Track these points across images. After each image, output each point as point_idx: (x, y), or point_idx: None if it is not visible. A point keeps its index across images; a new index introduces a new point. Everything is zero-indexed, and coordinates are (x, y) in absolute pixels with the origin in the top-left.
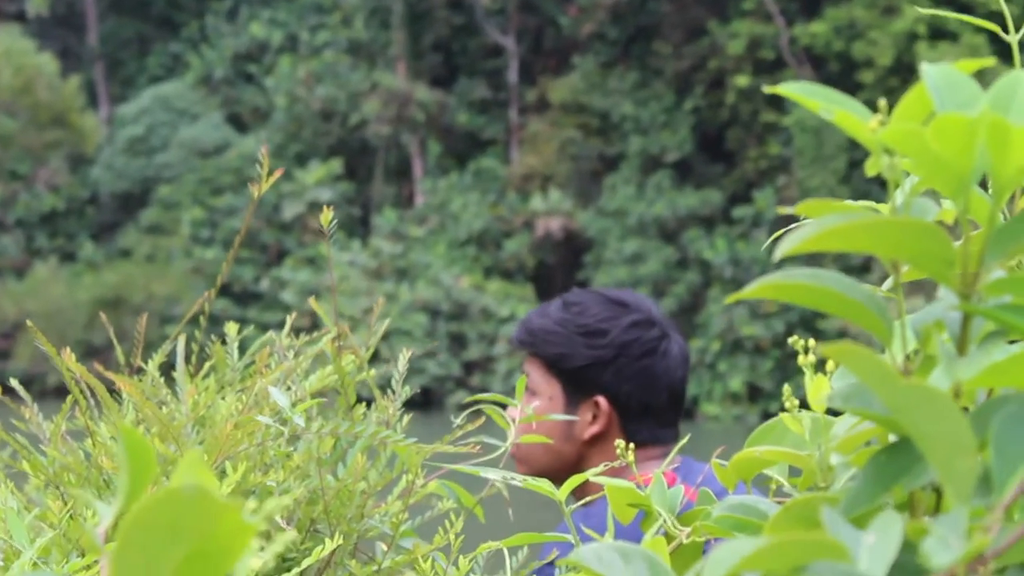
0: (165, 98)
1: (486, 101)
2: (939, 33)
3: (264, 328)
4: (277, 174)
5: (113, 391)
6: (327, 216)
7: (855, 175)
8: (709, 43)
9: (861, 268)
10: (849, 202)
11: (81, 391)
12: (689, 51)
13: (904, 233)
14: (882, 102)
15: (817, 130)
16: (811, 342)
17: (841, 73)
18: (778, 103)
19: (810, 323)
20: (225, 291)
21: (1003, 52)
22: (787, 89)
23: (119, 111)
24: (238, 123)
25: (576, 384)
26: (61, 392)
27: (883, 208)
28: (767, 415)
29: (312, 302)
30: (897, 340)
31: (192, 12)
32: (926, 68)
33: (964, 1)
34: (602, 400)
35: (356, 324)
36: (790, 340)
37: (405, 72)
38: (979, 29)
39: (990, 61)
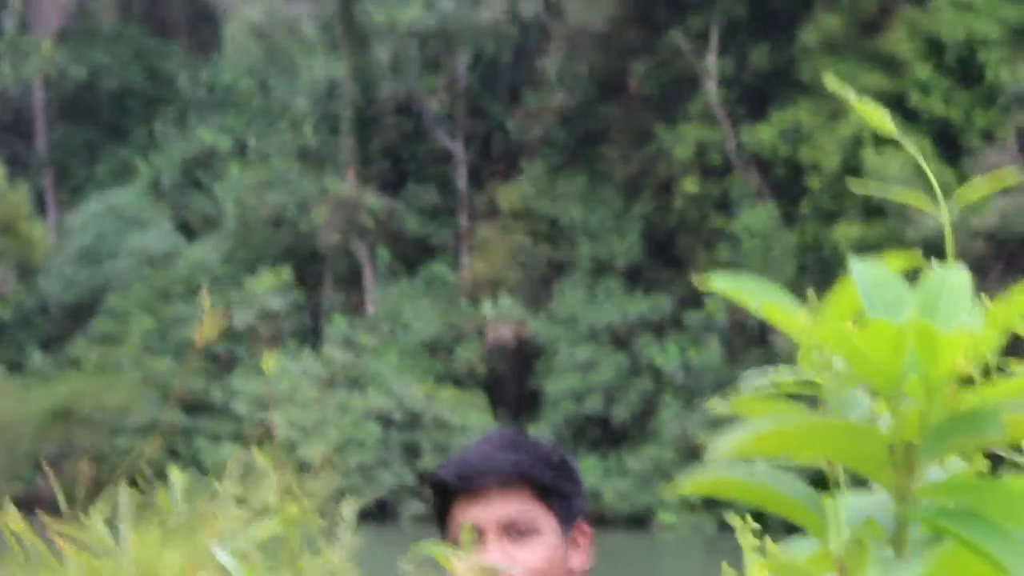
0: (114, 206)
1: (435, 207)
2: (885, 138)
3: (215, 439)
4: (215, 327)
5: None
6: (267, 362)
7: (803, 280)
8: (657, 148)
9: None
10: (783, 401)
11: (22, 547)
12: (637, 155)
13: (838, 436)
14: (811, 293)
15: (765, 235)
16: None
17: (788, 178)
18: (726, 207)
19: None
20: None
21: (949, 157)
22: (718, 285)
23: (68, 219)
24: (188, 230)
25: (568, 513)
26: (17, 504)
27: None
28: (724, 524)
29: (256, 453)
30: (833, 536)
31: (141, 117)
32: (855, 266)
33: (910, 108)
34: (586, 526)
35: (308, 435)
36: (730, 520)
37: (355, 178)
38: (925, 133)
39: (918, 259)
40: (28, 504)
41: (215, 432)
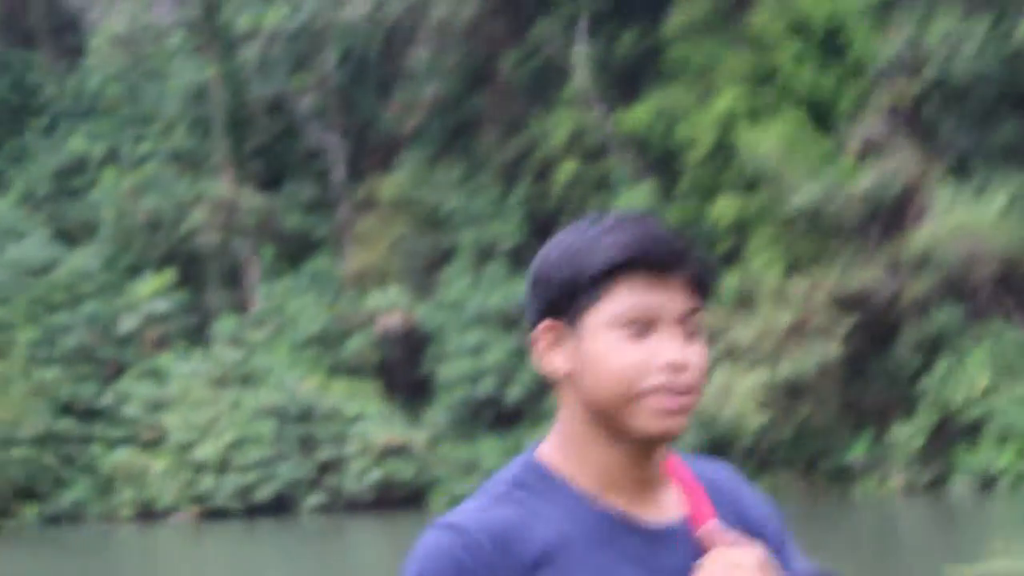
0: None
1: (314, 202)
2: (758, 112)
3: (111, 444)
4: None
5: None
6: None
7: None
8: (531, 134)
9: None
10: None
11: None
12: (513, 142)
13: None
14: None
15: None
16: None
17: (664, 157)
18: (605, 188)
19: None
20: (67, 410)
21: (823, 129)
22: None
23: None
24: (66, 238)
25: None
26: None
27: None
28: None
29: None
30: None
31: (9, 129)
32: None
33: (782, 83)
34: None
35: (202, 435)
36: None
37: (231, 178)
38: (798, 106)
39: None
40: None
41: (110, 437)
